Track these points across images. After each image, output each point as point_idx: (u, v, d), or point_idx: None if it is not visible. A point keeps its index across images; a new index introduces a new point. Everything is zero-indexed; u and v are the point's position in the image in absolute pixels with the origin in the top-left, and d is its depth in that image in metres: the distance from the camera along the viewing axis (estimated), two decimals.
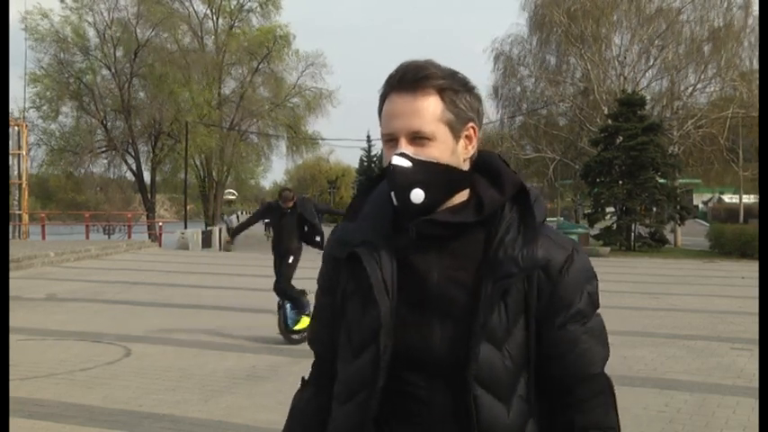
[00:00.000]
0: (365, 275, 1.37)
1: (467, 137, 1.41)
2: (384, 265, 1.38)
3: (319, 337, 1.54)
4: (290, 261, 8.75)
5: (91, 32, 38.45)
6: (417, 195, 1.35)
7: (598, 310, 1.44)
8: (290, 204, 8.82)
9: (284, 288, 8.71)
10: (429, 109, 1.36)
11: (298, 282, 8.79)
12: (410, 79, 1.36)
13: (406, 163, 1.35)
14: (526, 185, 1.42)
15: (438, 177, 1.36)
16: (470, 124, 1.41)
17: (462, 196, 1.41)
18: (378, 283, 1.36)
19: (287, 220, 8.80)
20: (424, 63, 1.39)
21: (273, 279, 8.85)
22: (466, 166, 1.41)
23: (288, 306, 8.59)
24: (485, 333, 1.32)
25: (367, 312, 1.38)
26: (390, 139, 1.39)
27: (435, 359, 1.34)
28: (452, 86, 1.38)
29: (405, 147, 1.36)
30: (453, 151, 1.38)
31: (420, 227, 1.37)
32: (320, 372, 1.54)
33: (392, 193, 1.38)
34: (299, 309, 8.61)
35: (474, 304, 1.34)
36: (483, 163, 1.45)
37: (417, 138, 1.36)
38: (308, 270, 6.73)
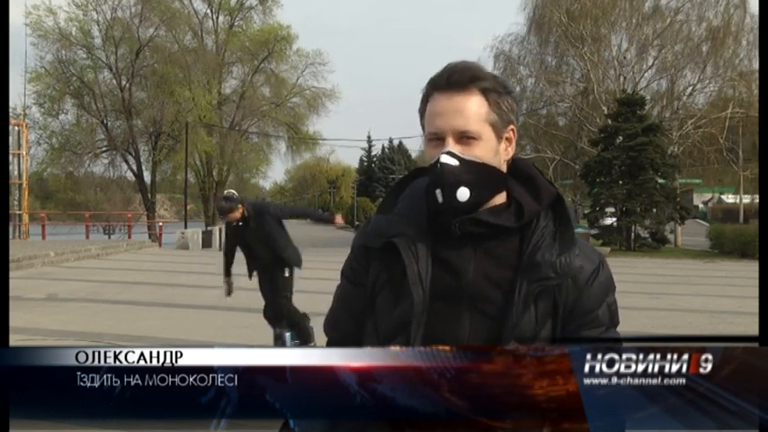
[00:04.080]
0: (400, 266, 1.39)
1: (507, 139, 1.45)
2: (420, 258, 1.40)
3: (343, 325, 1.53)
4: (286, 274, 7.00)
5: (95, 31, 38.56)
6: (463, 194, 1.38)
7: (617, 329, 1.47)
8: (237, 215, 6.84)
9: (285, 312, 6.96)
10: (475, 109, 1.39)
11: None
12: (457, 80, 1.39)
13: (454, 162, 1.38)
14: (562, 195, 1.46)
15: (483, 177, 1.39)
16: (511, 126, 1.46)
17: (501, 198, 1.44)
18: (413, 274, 1.39)
19: (248, 233, 6.89)
20: (469, 65, 1.42)
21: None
22: (504, 168, 1.45)
23: (287, 336, 6.84)
24: (515, 333, 1.35)
25: (398, 303, 1.40)
26: (436, 138, 1.41)
27: None
28: (496, 88, 1.42)
29: (452, 146, 1.38)
30: (496, 152, 1.42)
31: (464, 225, 1.40)
32: None
33: (437, 190, 1.39)
34: (304, 339, 6.84)
35: (506, 303, 1.37)
36: (518, 169, 1.49)
37: (464, 137, 1.39)
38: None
